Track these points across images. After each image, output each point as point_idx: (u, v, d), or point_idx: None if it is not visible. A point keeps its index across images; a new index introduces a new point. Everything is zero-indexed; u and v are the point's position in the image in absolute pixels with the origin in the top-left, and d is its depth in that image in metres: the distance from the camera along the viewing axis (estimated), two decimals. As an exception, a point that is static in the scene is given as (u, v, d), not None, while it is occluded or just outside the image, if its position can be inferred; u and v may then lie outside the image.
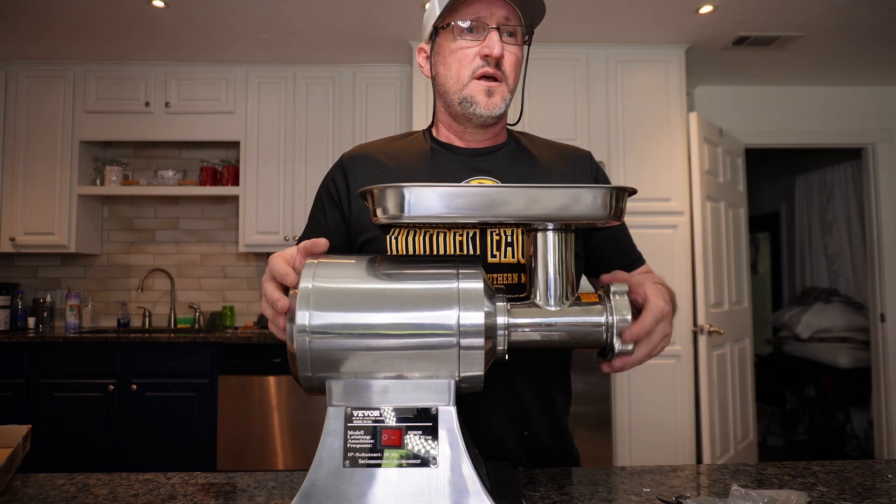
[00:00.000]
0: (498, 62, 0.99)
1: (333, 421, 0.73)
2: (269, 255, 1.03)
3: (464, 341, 0.72)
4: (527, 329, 0.77)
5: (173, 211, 3.93)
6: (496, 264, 1.00)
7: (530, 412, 1.03)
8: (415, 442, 0.72)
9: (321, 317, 0.72)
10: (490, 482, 0.78)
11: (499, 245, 1.00)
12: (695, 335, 3.23)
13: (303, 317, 0.71)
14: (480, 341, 0.72)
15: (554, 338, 0.78)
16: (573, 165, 1.11)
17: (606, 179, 1.16)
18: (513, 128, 1.16)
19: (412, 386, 0.73)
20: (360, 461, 0.72)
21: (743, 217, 3.79)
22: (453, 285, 0.74)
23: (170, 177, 3.70)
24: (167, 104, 3.60)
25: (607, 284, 0.80)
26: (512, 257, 1.00)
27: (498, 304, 0.76)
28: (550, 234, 0.78)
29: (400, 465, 0.72)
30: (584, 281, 1.16)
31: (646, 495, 0.83)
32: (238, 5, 2.93)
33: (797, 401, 4.72)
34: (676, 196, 3.32)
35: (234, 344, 3.15)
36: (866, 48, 3.39)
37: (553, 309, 0.78)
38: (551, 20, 2.83)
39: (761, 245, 6.06)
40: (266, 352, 3.14)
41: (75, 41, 3.34)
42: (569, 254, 0.79)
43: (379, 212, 0.73)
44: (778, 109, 4.02)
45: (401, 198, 0.71)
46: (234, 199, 3.83)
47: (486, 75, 1.00)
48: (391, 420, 0.73)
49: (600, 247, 1.11)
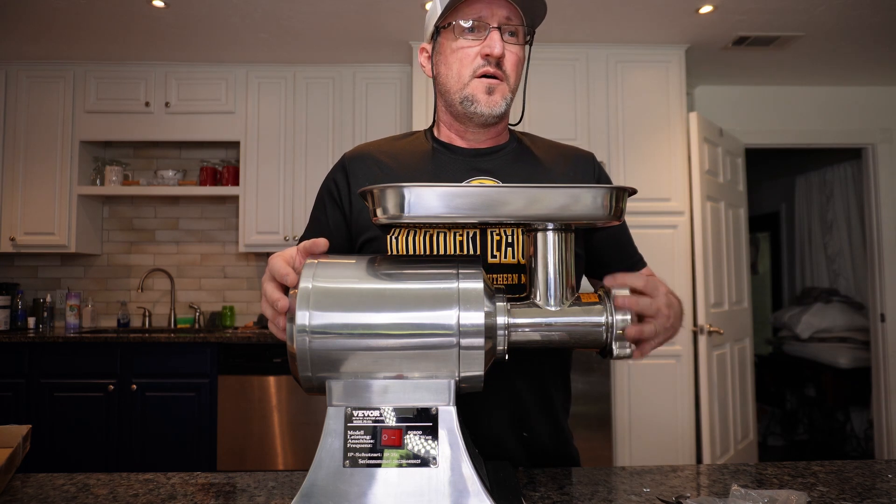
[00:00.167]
0: (499, 62, 0.99)
1: (333, 421, 0.73)
2: (269, 255, 1.03)
3: (464, 341, 0.72)
4: (527, 329, 0.77)
5: (173, 211, 3.93)
6: (496, 265, 1.00)
7: (530, 413, 1.03)
8: (415, 442, 0.72)
9: (321, 317, 0.72)
10: (490, 482, 0.78)
11: (499, 245, 1.00)
12: (695, 335, 3.23)
13: (303, 317, 0.71)
14: (480, 341, 0.72)
15: (554, 338, 0.78)
16: (575, 166, 1.11)
17: (608, 181, 1.15)
18: (515, 128, 1.16)
19: (412, 386, 0.73)
20: (360, 461, 0.72)
21: (743, 217, 3.79)
22: (453, 285, 0.74)
23: (170, 177, 3.70)
24: (167, 104, 3.60)
25: (609, 288, 0.79)
26: (512, 258, 1.00)
27: (498, 304, 0.76)
28: (550, 234, 0.78)
29: (400, 465, 0.72)
30: (585, 281, 1.16)
31: (646, 495, 0.83)
32: (238, 5, 2.93)
33: (797, 401, 4.71)
34: (676, 196, 3.32)
35: (234, 344, 3.15)
36: (866, 48, 3.39)
37: (553, 309, 0.78)
38: (551, 20, 2.83)
39: (761, 245, 6.06)
40: (266, 352, 3.14)
41: (75, 41, 3.34)
42: (569, 254, 0.79)
43: (379, 212, 0.73)
44: (778, 109, 4.02)
45: (401, 198, 0.71)
46: (234, 199, 3.83)
47: (487, 74, 0.99)
48: (391, 420, 0.73)
49: (601, 248, 1.11)
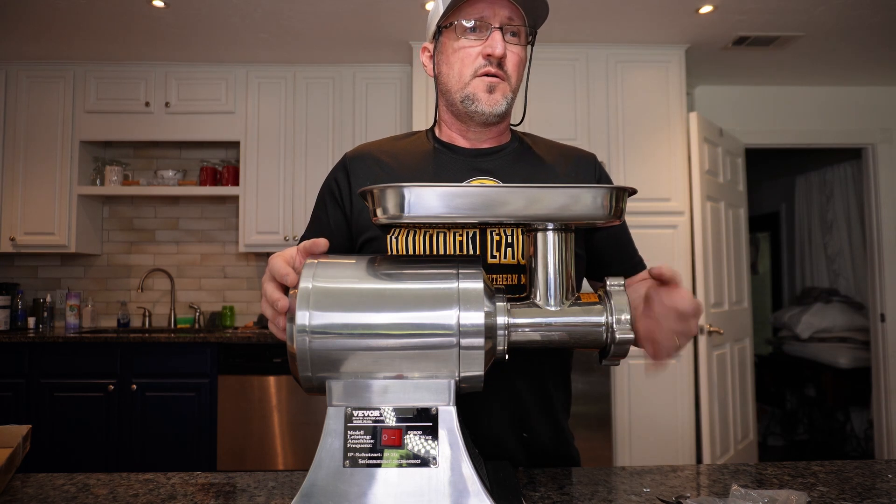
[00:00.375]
0: (500, 62, 0.99)
1: (333, 421, 0.73)
2: (269, 255, 1.02)
3: (464, 341, 0.72)
4: (527, 329, 0.77)
5: (173, 211, 3.93)
6: (496, 265, 0.99)
7: (530, 413, 1.03)
8: (415, 442, 0.72)
9: (321, 317, 0.71)
10: (490, 482, 0.78)
11: (499, 246, 1.00)
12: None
13: (303, 317, 0.71)
14: (480, 341, 0.72)
15: (554, 338, 0.78)
16: (576, 167, 1.11)
17: (609, 181, 1.15)
18: (516, 128, 1.16)
19: (412, 386, 0.73)
20: (360, 461, 0.72)
21: (743, 217, 3.79)
22: (453, 285, 0.74)
23: (170, 177, 3.70)
24: (167, 104, 3.60)
25: (605, 281, 0.80)
26: (512, 258, 1.00)
27: (498, 304, 0.76)
28: (550, 234, 0.78)
29: (400, 465, 0.72)
30: (585, 282, 1.16)
31: (646, 495, 0.83)
32: (238, 5, 2.93)
33: (797, 401, 4.71)
34: (676, 196, 3.32)
35: (234, 344, 3.15)
36: (866, 48, 3.39)
37: (553, 309, 0.78)
38: (551, 20, 2.82)
39: (761, 245, 6.06)
40: (266, 352, 3.14)
41: (75, 41, 3.34)
42: (569, 254, 0.79)
43: (379, 212, 0.73)
44: (778, 109, 4.01)
45: (400, 198, 0.71)
46: (234, 199, 3.83)
47: (489, 74, 0.99)
48: (391, 420, 0.73)
49: (601, 249, 1.11)
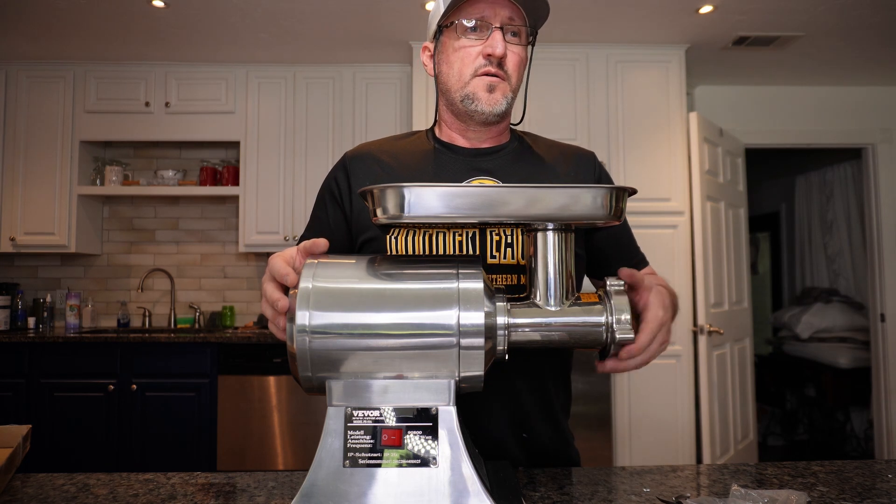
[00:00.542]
0: (500, 62, 0.99)
1: (333, 421, 0.73)
2: (269, 256, 1.02)
3: (464, 341, 0.72)
4: (527, 329, 0.77)
5: (173, 211, 3.93)
6: (496, 265, 0.99)
7: (529, 414, 1.03)
8: (415, 442, 0.72)
9: (321, 317, 0.71)
10: (490, 482, 0.78)
11: (498, 246, 0.99)
12: (695, 335, 3.23)
13: (303, 317, 0.71)
14: (480, 341, 0.72)
15: (554, 338, 0.78)
16: (576, 166, 1.11)
17: (610, 180, 1.15)
18: (516, 128, 1.16)
19: (412, 386, 0.73)
20: (360, 461, 0.72)
21: (743, 217, 3.79)
22: (453, 285, 0.74)
23: (170, 177, 3.70)
24: (167, 104, 3.60)
25: (605, 281, 0.80)
26: (511, 258, 0.99)
27: (498, 304, 0.76)
28: (550, 234, 0.78)
29: (400, 465, 0.72)
30: (586, 282, 1.16)
31: (646, 495, 0.83)
32: (238, 5, 2.93)
33: (797, 401, 4.71)
34: (676, 196, 3.32)
35: (234, 344, 3.15)
36: (866, 48, 3.39)
37: (553, 309, 0.78)
38: (551, 20, 2.82)
39: (761, 245, 6.06)
40: (266, 352, 3.14)
41: (75, 41, 3.34)
42: (569, 254, 0.79)
43: (379, 212, 0.73)
44: (778, 109, 4.01)
45: (400, 198, 0.71)
46: (234, 199, 3.83)
47: (489, 74, 0.99)
48: (391, 420, 0.73)
49: (603, 248, 1.11)
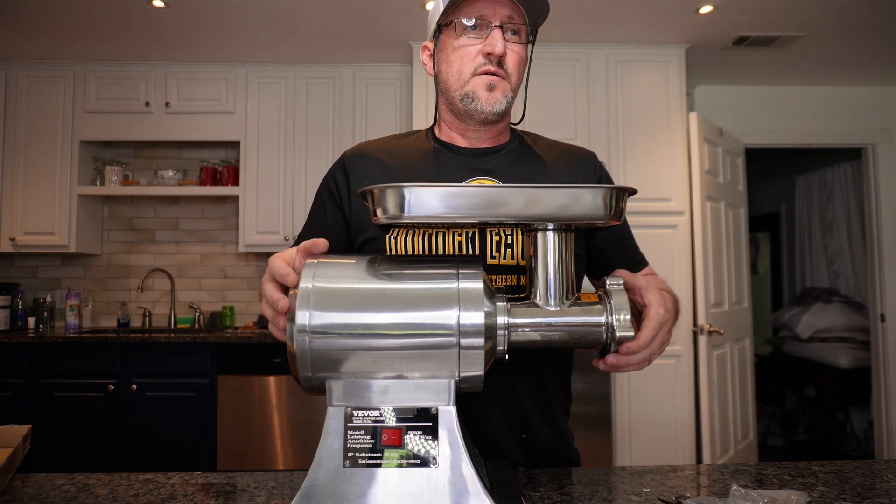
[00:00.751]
0: (500, 60, 0.99)
1: (333, 421, 0.73)
2: (269, 256, 1.02)
3: (464, 341, 0.72)
4: (527, 329, 0.77)
5: (173, 211, 3.93)
6: (495, 266, 0.99)
7: (529, 414, 1.03)
8: (415, 442, 0.72)
9: (321, 317, 0.71)
10: (490, 482, 0.78)
11: (498, 246, 0.99)
12: (695, 335, 3.23)
13: (303, 317, 0.71)
14: (480, 341, 0.72)
15: (554, 338, 0.78)
16: (577, 166, 1.10)
17: (610, 180, 1.15)
18: (517, 127, 1.16)
19: (412, 386, 0.73)
20: (360, 461, 0.72)
21: (743, 217, 3.79)
22: (453, 285, 0.74)
23: (170, 177, 3.70)
24: (167, 104, 3.60)
25: (604, 280, 0.80)
26: (511, 259, 0.99)
27: (498, 304, 0.76)
28: (550, 234, 0.78)
29: (400, 465, 0.72)
30: (586, 282, 1.16)
31: (646, 495, 0.83)
32: (238, 5, 2.93)
33: (797, 401, 4.71)
34: (676, 196, 3.32)
35: (234, 344, 3.15)
36: (866, 48, 3.39)
37: (553, 309, 0.78)
38: (551, 20, 2.83)
39: (761, 245, 6.06)
40: (266, 352, 3.14)
41: (75, 41, 3.34)
42: (569, 254, 0.79)
43: (379, 212, 0.73)
44: (778, 109, 4.01)
45: (401, 198, 0.71)
46: (234, 199, 3.83)
47: (489, 72, 0.99)
48: (391, 420, 0.73)
49: (603, 249, 1.11)
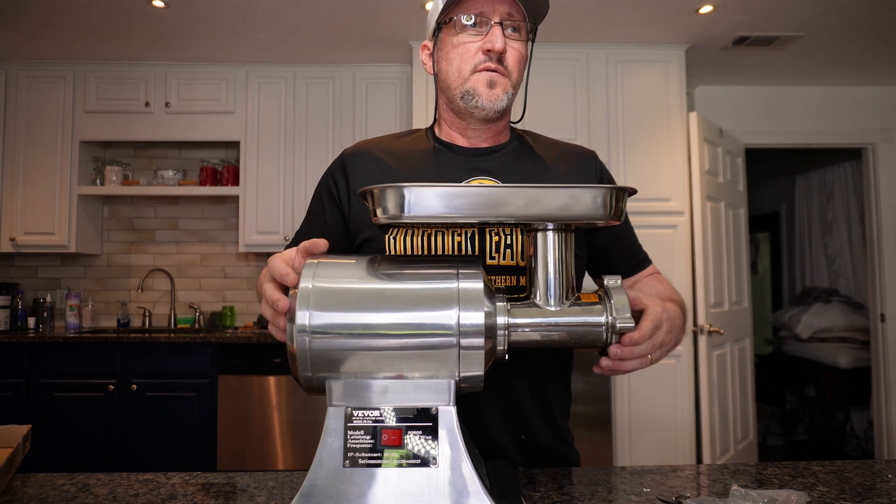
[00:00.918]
0: (500, 57, 0.98)
1: (333, 421, 0.73)
2: (270, 256, 1.02)
3: (464, 341, 0.72)
4: (527, 329, 0.77)
5: (173, 211, 3.93)
6: (495, 266, 0.99)
7: (529, 415, 1.03)
8: (415, 442, 0.72)
9: (321, 317, 0.71)
10: (490, 482, 0.78)
11: (498, 246, 0.99)
12: (695, 335, 3.23)
13: (303, 317, 0.71)
14: (480, 341, 0.72)
15: (554, 338, 0.78)
16: (577, 165, 1.10)
17: (611, 179, 1.14)
18: (517, 126, 1.15)
19: (412, 386, 0.73)
20: (360, 461, 0.72)
21: (743, 217, 3.79)
22: (453, 285, 0.74)
23: (170, 177, 3.70)
24: (167, 104, 3.60)
25: (602, 278, 0.80)
26: (511, 259, 0.99)
27: (498, 304, 0.76)
28: (550, 235, 0.78)
29: (400, 465, 0.72)
30: (587, 282, 1.16)
31: (646, 495, 0.83)
32: (238, 5, 2.92)
33: (797, 401, 4.71)
34: (676, 196, 3.32)
35: (234, 344, 3.15)
36: (866, 48, 3.39)
37: (553, 309, 0.78)
38: (552, 20, 2.83)
39: (761, 245, 6.06)
40: (266, 352, 3.14)
41: (75, 41, 3.34)
42: (569, 254, 0.79)
43: (379, 212, 0.73)
44: (778, 109, 4.01)
45: (401, 198, 0.71)
46: (234, 199, 3.83)
47: (489, 69, 0.98)
48: (391, 420, 0.73)
49: (606, 248, 1.10)
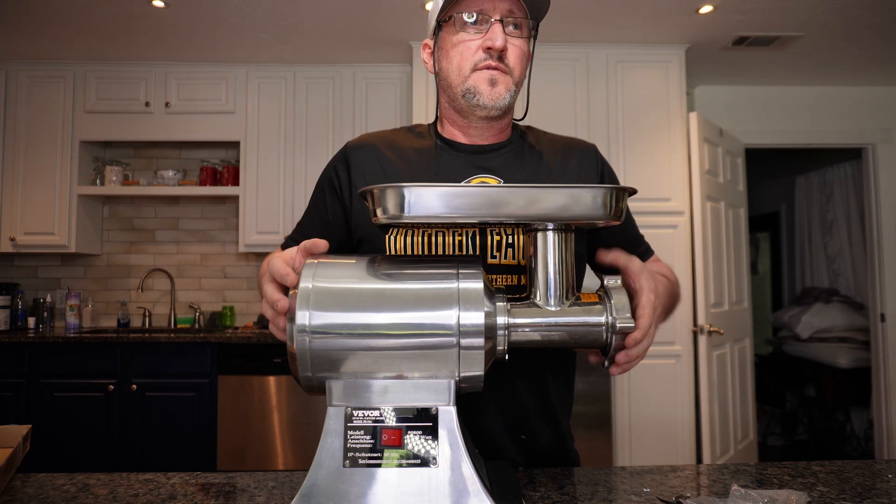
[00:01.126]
0: (501, 55, 0.98)
1: (333, 421, 0.73)
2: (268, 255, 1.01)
3: (464, 341, 0.72)
4: (527, 329, 0.77)
5: (173, 211, 3.93)
6: (496, 265, 0.99)
7: (529, 414, 1.03)
8: (415, 442, 0.72)
9: (321, 317, 0.71)
10: (490, 482, 0.78)
11: (498, 246, 0.99)
12: (695, 335, 3.23)
13: (303, 317, 0.71)
14: (480, 341, 0.72)
15: (554, 338, 0.78)
16: (579, 160, 1.10)
17: (612, 172, 1.14)
18: (520, 122, 1.15)
19: (412, 386, 0.73)
20: (360, 461, 0.72)
21: (743, 217, 3.79)
22: (453, 285, 0.74)
23: (170, 177, 3.70)
24: (167, 104, 3.60)
25: (602, 279, 0.80)
26: (512, 258, 0.99)
27: (498, 304, 0.76)
28: (550, 234, 0.78)
29: (400, 465, 0.72)
30: (587, 281, 1.16)
31: (646, 495, 0.83)
32: (238, 5, 2.92)
33: (797, 401, 4.71)
34: (676, 196, 3.32)
35: (234, 344, 3.15)
36: (866, 48, 3.39)
37: (553, 309, 0.78)
38: (553, 20, 2.83)
39: (761, 245, 6.06)
40: (266, 352, 3.14)
41: (75, 41, 3.34)
42: (569, 254, 0.79)
43: (379, 212, 0.73)
44: (778, 109, 4.01)
45: (401, 198, 0.71)
46: (234, 199, 3.83)
47: (490, 67, 0.98)
48: (391, 420, 0.73)
49: (608, 240, 1.10)
